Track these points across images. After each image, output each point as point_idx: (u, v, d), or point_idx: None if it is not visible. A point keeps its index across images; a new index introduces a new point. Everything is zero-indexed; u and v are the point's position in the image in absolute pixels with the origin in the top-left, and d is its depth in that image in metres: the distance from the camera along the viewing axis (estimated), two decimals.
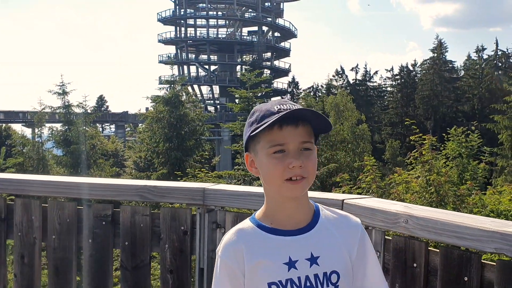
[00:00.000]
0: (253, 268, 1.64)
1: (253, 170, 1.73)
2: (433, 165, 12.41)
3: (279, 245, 1.65)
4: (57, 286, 2.95)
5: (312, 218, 1.71)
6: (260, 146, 1.67)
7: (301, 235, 1.67)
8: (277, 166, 1.62)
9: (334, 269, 1.65)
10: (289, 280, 1.62)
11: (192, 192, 2.67)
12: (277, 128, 1.63)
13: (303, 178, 1.63)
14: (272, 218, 1.70)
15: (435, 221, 1.99)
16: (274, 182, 1.65)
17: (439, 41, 55.30)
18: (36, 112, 28.42)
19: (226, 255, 1.67)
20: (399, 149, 42.84)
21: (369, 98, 59.84)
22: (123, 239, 2.83)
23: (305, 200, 1.72)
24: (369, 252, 1.75)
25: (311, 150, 1.66)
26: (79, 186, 2.88)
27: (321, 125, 1.69)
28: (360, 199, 2.32)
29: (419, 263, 2.13)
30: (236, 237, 1.69)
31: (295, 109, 1.63)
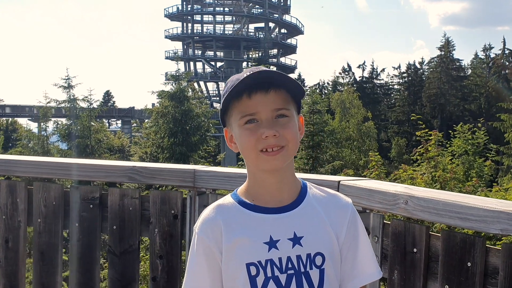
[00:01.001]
0: (231, 247, 1.51)
1: (233, 146, 1.61)
2: (439, 161, 12.25)
3: (260, 223, 1.53)
4: (43, 272, 2.83)
5: (298, 196, 1.59)
6: (233, 119, 1.56)
7: (285, 213, 1.55)
8: (249, 137, 1.50)
9: (318, 250, 1.52)
10: (269, 260, 1.49)
11: (182, 173, 2.55)
12: (246, 96, 1.51)
13: (281, 148, 1.50)
14: (253, 195, 1.58)
15: (437, 201, 1.85)
16: (249, 155, 1.53)
17: (447, 39, 54.96)
18: (42, 106, 28.44)
19: (203, 232, 1.55)
20: (405, 147, 42.59)
21: (375, 95, 59.47)
22: (111, 223, 2.71)
23: (289, 176, 1.59)
24: (359, 234, 1.62)
25: (288, 117, 1.53)
26: (65, 167, 2.76)
27: (295, 88, 1.56)
28: (357, 180, 2.19)
29: (420, 248, 1.99)
30: (215, 213, 1.57)
31: (254, 72, 1.50)
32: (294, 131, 1.54)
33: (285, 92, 1.54)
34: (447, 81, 52.78)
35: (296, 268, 1.50)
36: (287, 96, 1.55)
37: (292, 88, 1.55)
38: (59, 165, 2.80)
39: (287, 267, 1.49)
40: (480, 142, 15.91)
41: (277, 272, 1.49)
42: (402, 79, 59.48)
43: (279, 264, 1.49)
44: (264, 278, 1.48)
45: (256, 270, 1.48)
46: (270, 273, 1.48)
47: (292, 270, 1.49)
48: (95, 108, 28.96)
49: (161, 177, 2.62)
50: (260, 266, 1.48)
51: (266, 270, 1.48)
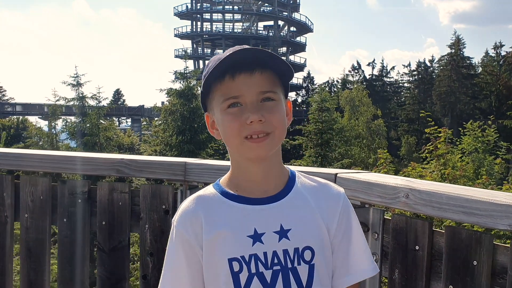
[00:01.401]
0: (212, 241, 1.39)
1: (215, 133, 1.48)
2: (448, 159, 12.06)
3: (244, 215, 1.40)
4: (30, 269, 2.71)
5: (285, 186, 1.46)
6: (215, 102, 1.43)
7: (271, 204, 1.42)
8: (232, 122, 1.38)
9: (307, 244, 1.40)
10: (254, 255, 1.37)
11: (173, 166, 2.42)
12: (229, 78, 1.38)
13: (266, 134, 1.37)
14: (237, 185, 1.45)
15: (440, 194, 1.71)
16: (232, 142, 1.41)
17: (457, 37, 54.51)
18: (51, 104, 28.52)
19: (182, 225, 1.42)
20: (415, 145, 42.29)
21: (385, 93, 59.18)
22: (100, 219, 2.59)
23: (276, 164, 1.46)
24: (352, 226, 1.49)
25: (274, 100, 1.40)
26: (50, 159, 2.64)
27: (282, 69, 1.42)
28: (356, 173, 2.05)
29: (422, 245, 1.85)
30: (195, 205, 1.44)
31: (238, 50, 1.36)
32: (281, 116, 1.41)
33: (272, 73, 1.41)
34: (457, 79, 52.36)
35: (282, 264, 1.37)
36: (274, 78, 1.41)
37: (280, 69, 1.42)
38: (42, 158, 2.68)
39: (273, 263, 1.37)
40: (490, 140, 15.69)
41: (262, 268, 1.36)
42: (412, 77, 59.18)
43: (264, 259, 1.37)
44: (248, 275, 1.36)
45: (239, 266, 1.37)
46: (254, 269, 1.36)
47: (278, 265, 1.37)
48: (103, 106, 28.97)
49: (149, 170, 2.49)
50: (243, 262, 1.36)
51: (250, 265, 1.36)
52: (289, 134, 37.77)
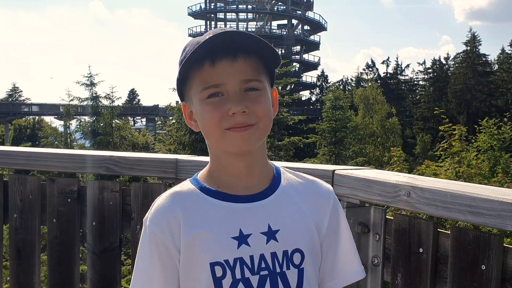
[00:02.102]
0: (191, 243, 1.25)
1: (193, 124, 1.35)
2: (463, 157, 11.85)
3: (228, 214, 1.26)
4: (20, 271, 2.60)
5: (271, 182, 1.33)
6: (193, 91, 1.29)
7: (257, 202, 1.29)
8: (212, 113, 1.24)
9: (297, 246, 1.27)
10: (239, 259, 1.23)
11: (163, 163, 2.29)
12: (209, 64, 1.24)
13: (249, 126, 1.24)
14: (217, 181, 1.32)
15: (444, 192, 1.56)
16: (212, 134, 1.27)
17: (473, 35, 53.95)
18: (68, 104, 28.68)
19: (156, 224, 1.27)
20: (430, 143, 41.87)
21: (400, 92, 58.74)
22: (90, 219, 2.47)
23: (261, 159, 1.33)
24: (341, 227, 1.37)
25: (259, 90, 1.26)
26: (36, 157, 2.52)
27: (269, 55, 1.28)
28: (355, 170, 1.91)
29: (426, 247, 1.71)
30: (171, 202, 1.29)
31: (218, 33, 1.21)
32: (266, 107, 1.28)
33: (256, 60, 1.27)
34: (473, 76, 51.85)
35: (270, 268, 1.25)
36: (258, 65, 1.28)
37: (266, 55, 1.28)
38: (28, 155, 2.56)
39: (260, 267, 1.24)
40: (506, 137, 15.41)
41: (247, 273, 1.23)
42: (427, 75, 58.70)
43: (250, 263, 1.24)
44: (232, 281, 1.23)
45: (222, 271, 1.23)
46: (240, 274, 1.23)
47: (266, 270, 1.25)
48: (117, 105, 29.03)
49: (140, 168, 2.36)
50: (227, 266, 1.23)
51: (235, 271, 1.23)
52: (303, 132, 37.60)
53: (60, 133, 30.40)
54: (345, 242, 1.38)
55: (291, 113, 32.33)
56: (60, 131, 30.44)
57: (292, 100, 29.00)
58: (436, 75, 56.97)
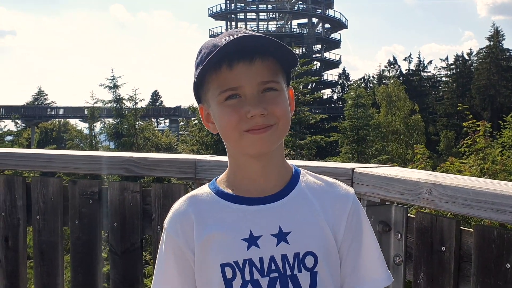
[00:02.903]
0: (204, 245, 1.26)
1: (210, 126, 1.35)
2: (488, 153, 11.68)
3: (239, 216, 1.27)
4: (43, 272, 2.63)
5: (287, 185, 1.32)
6: (211, 94, 1.29)
7: (269, 204, 1.28)
8: (230, 116, 1.24)
9: (309, 249, 1.25)
10: (248, 260, 1.23)
11: (182, 164, 2.30)
12: (226, 67, 1.24)
13: (269, 126, 1.23)
14: (234, 184, 1.33)
15: (466, 190, 1.54)
16: (230, 137, 1.27)
17: (496, 29, 53.25)
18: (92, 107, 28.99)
19: (172, 228, 1.31)
20: (454, 140, 41.39)
21: (423, 88, 58.14)
22: (112, 220, 2.48)
23: (278, 161, 1.32)
24: (363, 231, 1.33)
25: (277, 91, 1.26)
26: (56, 159, 2.54)
27: (286, 56, 1.28)
28: (375, 167, 1.89)
29: (449, 246, 1.68)
30: (187, 206, 1.32)
31: (235, 38, 1.22)
32: (284, 107, 1.27)
33: (273, 61, 1.27)
34: (497, 72, 51.16)
35: (281, 271, 1.23)
36: (275, 66, 1.28)
37: (282, 56, 1.28)
38: (50, 157, 2.59)
39: (270, 269, 1.23)
40: None
41: (257, 275, 1.23)
42: (450, 71, 58.02)
43: (260, 265, 1.23)
44: (241, 282, 1.23)
45: (232, 272, 1.24)
46: (249, 276, 1.23)
47: (276, 272, 1.23)
48: (140, 107, 29.23)
49: (159, 169, 2.37)
50: (236, 267, 1.24)
51: (244, 272, 1.23)
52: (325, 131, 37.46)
53: (85, 135, 30.76)
54: (369, 247, 1.34)
55: (313, 111, 32.23)
56: (85, 134, 30.80)
57: (313, 99, 28.89)
58: (459, 71, 56.32)
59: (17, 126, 42.48)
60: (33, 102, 65.31)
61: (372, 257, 1.34)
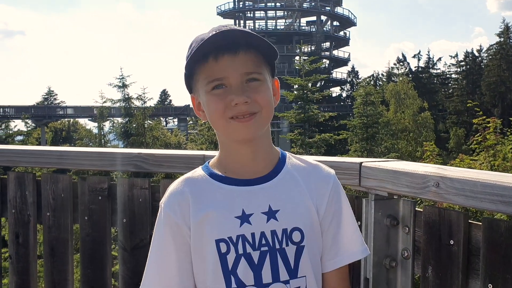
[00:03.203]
0: (200, 223, 1.38)
1: (201, 114, 1.48)
2: (499, 150, 11.62)
3: (232, 196, 1.40)
4: (54, 268, 2.65)
5: (275, 167, 1.46)
6: (200, 84, 1.42)
7: (259, 185, 1.41)
8: (217, 104, 1.37)
9: (296, 225, 1.39)
10: (241, 236, 1.36)
11: (191, 159, 2.30)
12: (213, 59, 1.37)
13: (253, 114, 1.36)
14: (226, 167, 1.44)
15: (474, 182, 1.53)
16: (218, 124, 1.40)
17: (506, 25, 52.96)
18: (101, 106, 29.11)
19: (169, 207, 1.42)
20: (464, 137, 41.19)
21: (432, 85, 57.93)
22: (121, 216, 2.50)
23: (265, 146, 1.45)
24: (342, 208, 1.48)
25: (260, 80, 1.38)
26: (66, 156, 2.56)
27: (268, 51, 1.40)
28: (382, 161, 1.89)
29: (457, 239, 1.67)
30: (183, 187, 1.44)
31: (218, 33, 1.34)
32: (267, 96, 1.40)
33: (256, 54, 1.40)
34: (507, 68, 50.87)
35: (270, 245, 1.37)
36: (258, 58, 1.40)
37: (264, 49, 1.40)
38: (60, 154, 2.60)
39: (261, 244, 1.37)
40: None
41: (249, 249, 1.36)
42: (460, 68, 57.77)
43: (252, 240, 1.37)
44: (235, 256, 1.36)
45: (226, 247, 1.37)
46: (242, 250, 1.36)
47: (266, 246, 1.37)
48: (149, 106, 29.31)
49: (168, 164, 2.38)
50: (230, 243, 1.36)
51: (238, 246, 1.36)
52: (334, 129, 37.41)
53: (94, 134, 30.91)
54: (347, 223, 1.48)
55: (322, 110, 32.21)
56: (94, 133, 30.95)
57: (322, 97, 28.87)
58: (469, 68, 56.09)
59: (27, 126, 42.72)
60: (43, 102, 65.74)
61: (350, 232, 1.48)
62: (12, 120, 42.26)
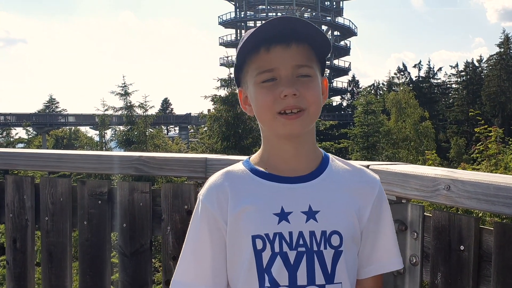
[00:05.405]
0: (237, 217, 1.35)
1: (247, 108, 1.45)
2: (500, 159, 11.57)
3: (272, 193, 1.36)
4: (51, 274, 2.59)
5: (318, 167, 1.41)
6: (249, 76, 1.39)
7: (301, 183, 1.37)
8: (265, 96, 1.34)
9: (336, 228, 1.34)
10: (278, 234, 1.31)
11: (192, 163, 2.26)
12: (264, 50, 1.34)
13: (301, 110, 1.33)
14: (267, 163, 1.42)
15: (487, 185, 1.48)
16: (265, 117, 1.37)
17: (506, 36, 53.10)
18: (103, 114, 29.13)
19: (208, 199, 1.39)
20: (464, 147, 41.12)
21: (433, 95, 57.92)
22: (121, 221, 2.44)
23: (309, 144, 1.41)
24: (384, 217, 1.43)
25: (310, 76, 1.34)
26: (65, 159, 2.51)
27: (321, 44, 1.36)
28: (390, 164, 1.84)
29: (468, 245, 1.62)
30: (223, 179, 1.41)
31: (274, 19, 1.29)
32: (316, 93, 1.36)
33: (308, 47, 1.37)
34: (507, 78, 50.93)
35: (308, 246, 1.32)
36: (310, 52, 1.37)
37: (318, 43, 1.36)
38: (59, 157, 2.55)
39: (298, 244, 1.32)
40: None
41: (286, 247, 1.32)
42: (460, 78, 57.79)
43: (289, 238, 1.32)
44: (270, 254, 1.32)
45: (262, 244, 1.32)
46: (278, 248, 1.31)
47: (303, 247, 1.32)
48: (150, 114, 29.29)
49: (169, 168, 2.33)
50: (267, 240, 1.32)
51: (274, 244, 1.32)
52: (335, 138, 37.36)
53: (96, 142, 30.87)
54: (387, 232, 1.44)
55: (322, 118, 32.17)
56: (96, 141, 30.92)
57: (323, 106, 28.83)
58: (469, 78, 56.11)
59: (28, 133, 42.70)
60: (44, 109, 65.72)
61: (389, 241, 1.44)
62: (13, 128, 42.24)
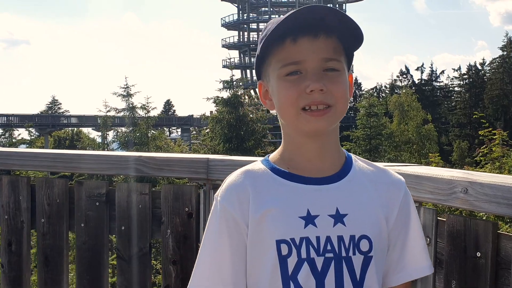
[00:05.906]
0: (260, 220, 1.24)
1: (267, 103, 1.35)
2: (504, 162, 11.47)
3: (297, 194, 1.26)
4: (48, 278, 2.51)
5: (342, 167, 1.32)
6: (272, 68, 1.30)
7: (327, 185, 1.27)
8: (289, 90, 1.24)
9: (364, 233, 1.24)
10: (305, 239, 1.22)
11: (194, 163, 2.17)
12: (290, 41, 1.24)
13: (328, 107, 1.23)
14: (289, 162, 1.31)
15: (508, 188, 1.39)
16: (287, 113, 1.27)
17: (509, 39, 52.89)
18: (105, 116, 29.10)
19: (227, 199, 1.28)
20: (467, 150, 40.96)
21: (435, 98, 57.76)
22: (119, 223, 2.36)
23: (333, 142, 1.31)
24: (412, 219, 1.34)
25: (339, 71, 1.24)
26: (61, 158, 2.42)
27: (351, 36, 1.26)
28: (402, 166, 1.75)
29: (484, 251, 1.53)
30: (243, 179, 1.30)
31: (303, 8, 1.19)
32: (344, 88, 1.28)
33: (337, 40, 1.27)
34: (510, 81, 50.78)
35: (336, 251, 1.23)
36: (338, 45, 1.28)
37: (348, 35, 1.26)
38: (55, 157, 2.46)
39: (326, 249, 1.22)
40: None
41: (313, 253, 1.22)
42: (463, 81, 57.60)
43: (316, 244, 1.22)
44: (297, 260, 1.22)
45: (288, 249, 1.22)
46: (305, 254, 1.22)
47: (331, 253, 1.22)
48: (152, 116, 29.24)
49: (169, 168, 2.25)
50: (293, 245, 1.22)
51: (301, 250, 1.22)
52: None
53: (98, 143, 30.83)
54: (415, 235, 1.35)
55: None
56: (98, 142, 30.87)
57: None
58: (472, 81, 55.92)
59: (30, 134, 42.70)
60: (47, 111, 65.72)
61: (418, 245, 1.35)
62: (15, 129, 42.24)
